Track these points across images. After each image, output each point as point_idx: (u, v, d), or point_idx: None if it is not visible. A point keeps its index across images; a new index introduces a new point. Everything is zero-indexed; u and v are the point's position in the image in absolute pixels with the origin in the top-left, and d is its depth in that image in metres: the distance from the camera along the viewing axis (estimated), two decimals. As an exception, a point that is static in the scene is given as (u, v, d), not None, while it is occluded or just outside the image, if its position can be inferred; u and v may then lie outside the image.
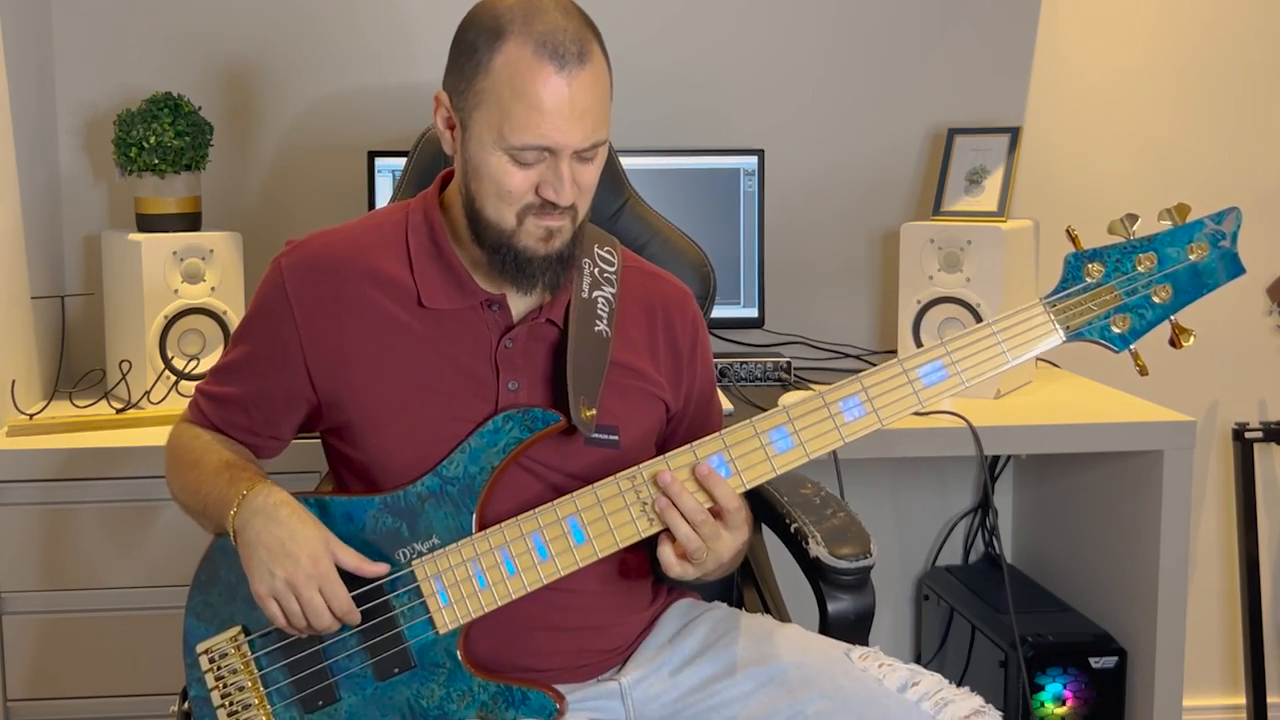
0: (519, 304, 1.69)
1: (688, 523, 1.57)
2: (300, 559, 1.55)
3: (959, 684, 1.65)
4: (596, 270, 1.73)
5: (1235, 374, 3.06)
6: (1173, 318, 1.58)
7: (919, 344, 2.66)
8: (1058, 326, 1.57)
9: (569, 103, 1.53)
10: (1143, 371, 1.59)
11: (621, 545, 1.60)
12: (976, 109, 2.96)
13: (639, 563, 1.76)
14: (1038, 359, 2.89)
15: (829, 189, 2.97)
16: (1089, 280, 1.57)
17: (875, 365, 2.93)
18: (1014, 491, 3.09)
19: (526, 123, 1.53)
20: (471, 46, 1.57)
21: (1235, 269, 1.57)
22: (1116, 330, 1.57)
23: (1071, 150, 3.01)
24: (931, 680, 1.64)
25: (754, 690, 1.67)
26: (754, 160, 2.80)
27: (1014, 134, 2.74)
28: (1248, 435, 2.95)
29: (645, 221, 2.17)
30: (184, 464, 1.71)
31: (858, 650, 1.69)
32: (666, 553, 1.59)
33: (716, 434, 1.60)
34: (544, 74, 1.53)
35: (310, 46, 2.83)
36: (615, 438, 1.67)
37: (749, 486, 1.60)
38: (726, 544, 1.60)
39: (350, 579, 1.59)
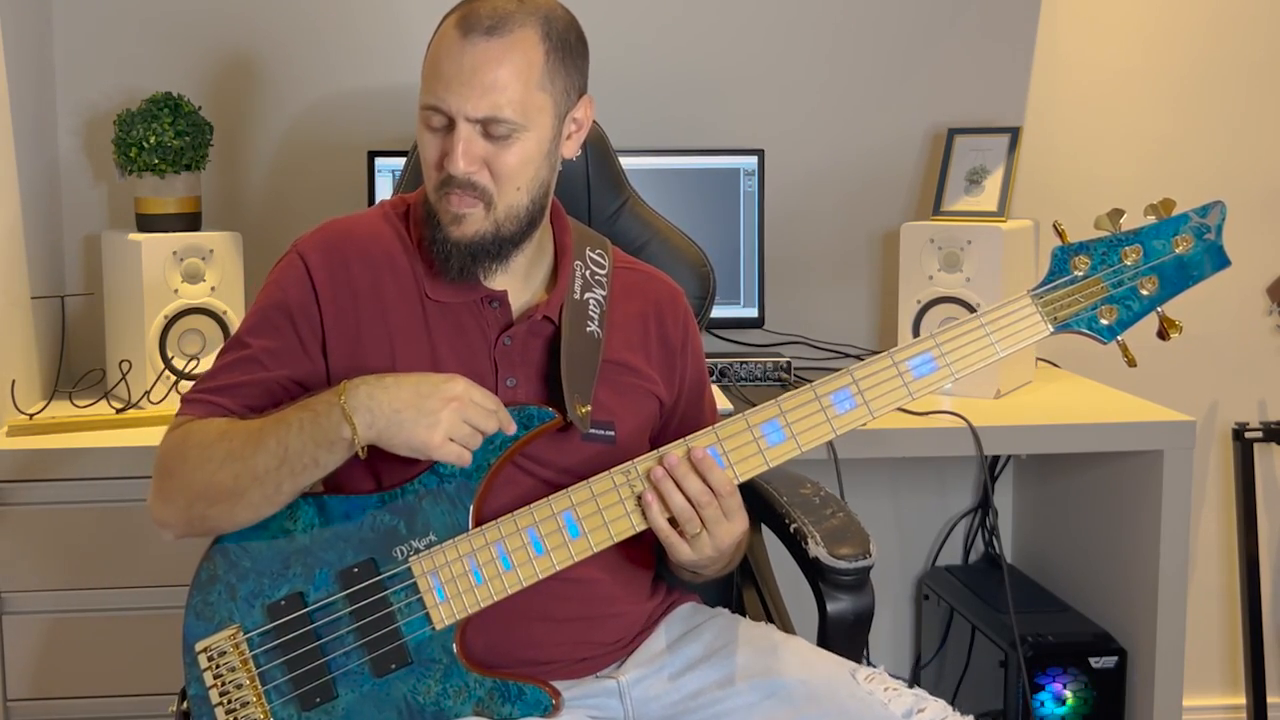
0: (518, 301, 1.71)
1: (690, 504, 1.57)
2: (438, 383, 1.56)
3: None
4: (588, 273, 1.75)
5: (1235, 374, 3.06)
6: (1160, 309, 1.59)
7: (918, 343, 2.66)
8: (1045, 318, 1.58)
9: (463, 66, 1.58)
10: (1131, 363, 1.61)
11: (616, 539, 1.60)
12: (976, 109, 2.96)
13: (639, 554, 1.77)
14: (1038, 358, 2.89)
15: (829, 189, 2.97)
16: (1076, 273, 1.59)
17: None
18: (1014, 491, 3.09)
19: (428, 82, 1.61)
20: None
21: (1220, 261, 1.59)
22: (1104, 321, 1.59)
23: (1071, 150, 3.01)
24: (936, 707, 1.63)
25: (756, 703, 1.66)
26: (754, 160, 2.80)
27: (1014, 134, 2.74)
28: (1248, 435, 2.95)
29: (645, 221, 2.17)
30: (205, 445, 1.61)
31: (864, 671, 1.69)
32: (663, 528, 1.59)
33: (709, 428, 1.61)
34: (450, 39, 1.60)
35: (311, 46, 2.83)
36: (611, 433, 1.68)
37: (742, 479, 1.60)
38: (727, 530, 1.60)
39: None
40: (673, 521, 1.59)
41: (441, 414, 1.54)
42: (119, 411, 2.48)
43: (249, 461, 1.58)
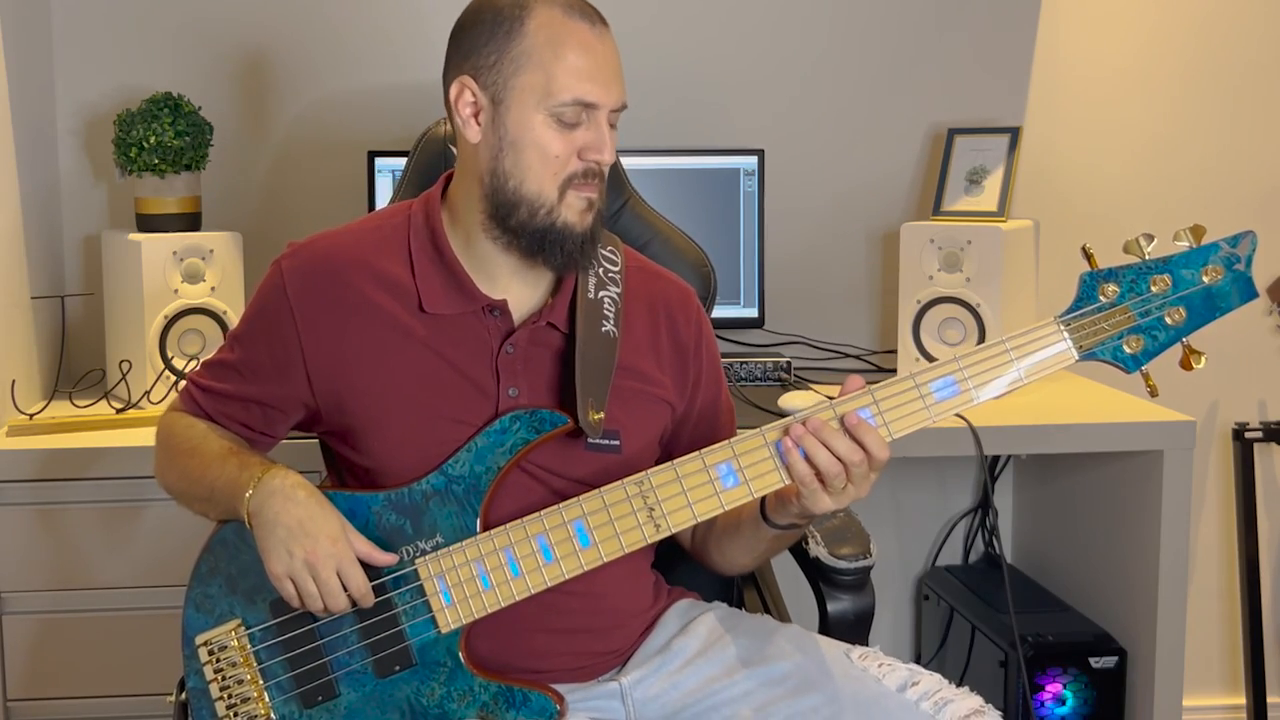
0: (520, 308, 1.68)
1: (840, 463, 1.53)
2: (319, 539, 1.56)
3: (959, 684, 1.66)
4: (601, 270, 1.73)
5: (1235, 374, 3.06)
6: (1185, 340, 1.57)
7: (919, 344, 2.66)
8: (1072, 345, 1.56)
9: (605, 59, 1.60)
10: (1153, 392, 1.59)
11: (627, 550, 1.59)
12: (977, 109, 2.96)
13: (642, 563, 1.77)
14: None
15: (829, 189, 2.97)
16: (1103, 300, 1.56)
17: (875, 365, 2.94)
18: (1014, 491, 3.09)
19: (571, 78, 1.58)
20: (493, 24, 1.60)
21: (1249, 293, 1.56)
22: (1129, 351, 1.56)
23: (1071, 150, 3.01)
24: (931, 680, 1.64)
25: (753, 690, 1.67)
26: (754, 160, 2.80)
27: (1014, 134, 2.75)
28: (1248, 435, 2.95)
29: (645, 221, 2.17)
30: (180, 452, 1.70)
31: (857, 650, 1.70)
32: (804, 473, 1.55)
33: (726, 442, 1.58)
34: (580, 31, 1.58)
35: (310, 46, 2.83)
36: (617, 443, 1.67)
37: (757, 495, 1.59)
38: (870, 484, 1.57)
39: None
40: None
41: (297, 558, 1.56)
42: (119, 411, 2.47)
43: (192, 486, 1.69)
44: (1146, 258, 1.56)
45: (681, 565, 1.86)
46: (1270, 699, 3.00)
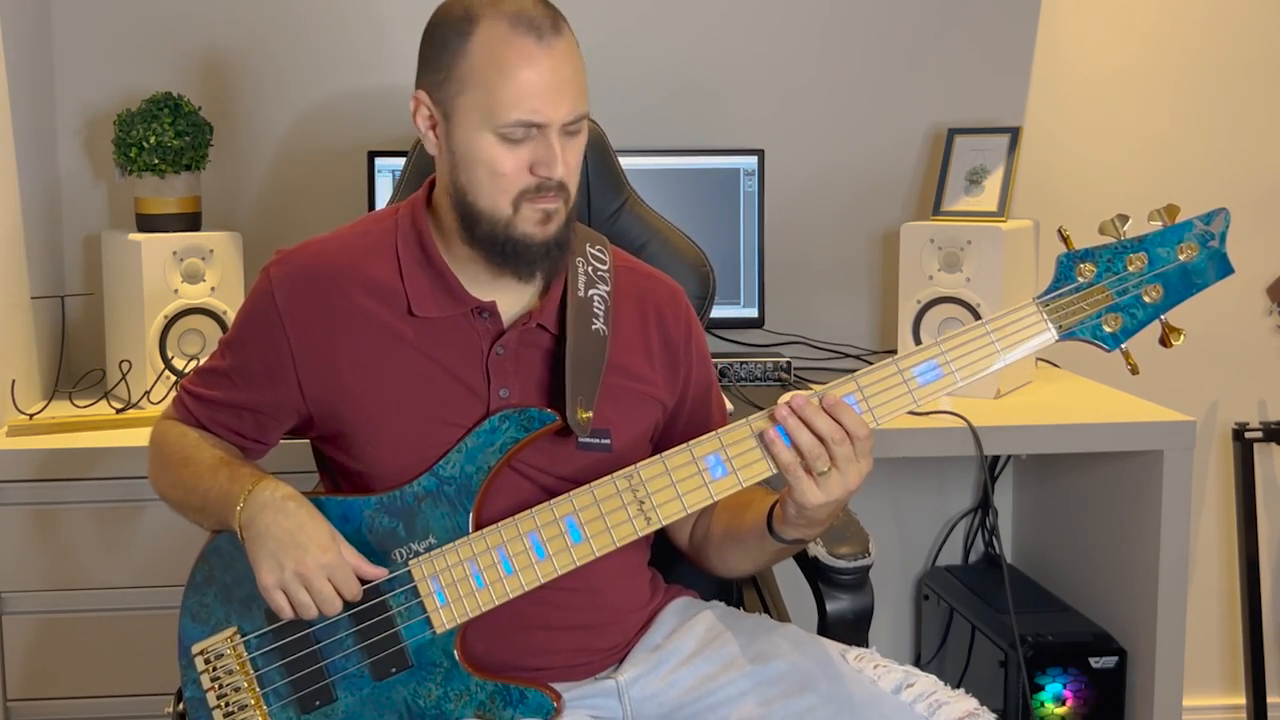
0: (509, 310, 1.68)
1: (822, 443, 1.53)
2: (310, 548, 1.56)
3: (959, 684, 1.66)
4: (590, 269, 1.73)
5: (1235, 374, 3.06)
6: (1163, 317, 1.58)
7: (919, 344, 2.65)
8: (1050, 325, 1.57)
9: (552, 73, 1.55)
10: (1134, 370, 1.60)
11: (619, 544, 1.59)
12: (976, 109, 2.96)
13: (638, 559, 1.77)
14: (1037, 358, 2.89)
15: (829, 189, 2.97)
16: (1081, 280, 1.58)
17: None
18: (1014, 491, 3.09)
19: (514, 98, 1.54)
20: (444, 38, 1.59)
21: (1224, 269, 1.58)
22: (1108, 329, 1.58)
23: (1071, 150, 3.00)
24: (926, 682, 1.65)
25: (750, 690, 1.67)
26: (754, 160, 2.80)
27: (1014, 134, 2.74)
28: (1248, 435, 2.95)
29: (645, 221, 2.17)
30: (173, 461, 1.71)
31: (854, 651, 1.70)
32: (788, 461, 1.54)
33: (714, 433, 1.59)
34: (524, 47, 1.54)
35: (311, 46, 2.83)
36: (607, 441, 1.67)
37: (745, 485, 1.59)
38: (858, 471, 1.56)
39: None
40: None
41: (288, 569, 1.56)
42: (119, 411, 2.48)
43: (186, 496, 1.69)
44: (1122, 237, 1.57)
45: (680, 563, 1.86)
46: (1270, 699, 3.00)
